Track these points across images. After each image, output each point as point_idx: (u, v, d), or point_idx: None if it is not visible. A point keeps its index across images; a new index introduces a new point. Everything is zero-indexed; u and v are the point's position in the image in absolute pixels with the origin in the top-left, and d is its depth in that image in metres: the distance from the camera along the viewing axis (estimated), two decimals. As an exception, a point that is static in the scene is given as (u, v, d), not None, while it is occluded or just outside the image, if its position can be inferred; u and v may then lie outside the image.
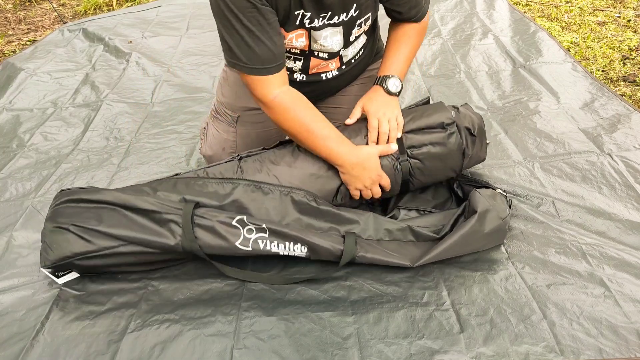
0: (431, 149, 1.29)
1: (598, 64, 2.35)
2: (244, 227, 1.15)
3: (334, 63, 1.38)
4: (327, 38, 1.27)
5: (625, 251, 1.24)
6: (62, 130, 1.92)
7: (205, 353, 1.05)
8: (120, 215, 1.16)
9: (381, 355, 1.02)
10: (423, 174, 1.31)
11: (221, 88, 1.56)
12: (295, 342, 1.06)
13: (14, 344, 1.08)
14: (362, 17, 1.28)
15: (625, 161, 1.56)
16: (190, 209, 1.15)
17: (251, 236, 1.15)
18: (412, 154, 1.29)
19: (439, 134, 1.29)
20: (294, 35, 1.25)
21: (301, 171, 1.26)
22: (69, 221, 1.15)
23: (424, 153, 1.29)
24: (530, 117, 1.84)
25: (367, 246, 1.20)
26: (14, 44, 2.95)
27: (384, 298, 1.15)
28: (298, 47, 1.29)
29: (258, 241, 1.16)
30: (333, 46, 1.30)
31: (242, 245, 1.15)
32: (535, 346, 1.02)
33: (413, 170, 1.30)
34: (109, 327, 1.11)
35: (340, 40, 1.30)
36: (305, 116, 1.23)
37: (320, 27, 1.24)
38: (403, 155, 1.28)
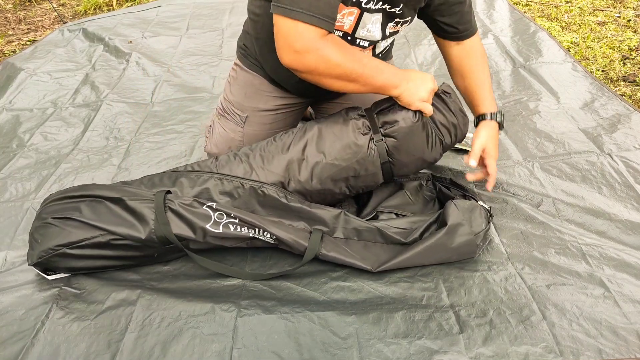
0: (402, 125, 1.25)
1: (598, 64, 2.35)
2: (215, 212, 1.18)
3: (367, 52, 1.37)
4: (374, 24, 1.27)
5: (625, 251, 1.24)
6: (62, 130, 1.92)
7: (204, 353, 1.05)
8: (99, 205, 1.19)
9: (380, 355, 1.02)
10: (400, 152, 1.27)
11: (230, 87, 1.55)
12: (294, 342, 1.06)
13: (14, 343, 1.08)
14: (403, 18, 1.29)
15: (625, 161, 1.56)
16: (162, 196, 1.18)
17: (222, 220, 1.18)
18: (385, 132, 1.26)
19: (409, 110, 1.25)
20: (347, 12, 1.23)
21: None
22: (49, 215, 1.19)
23: (397, 130, 1.25)
24: (530, 117, 1.84)
25: (332, 245, 1.22)
26: (14, 44, 2.95)
27: (384, 299, 1.15)
28: (343, 29, 1.27)
29: (229, 225, 1.19)
30: (375, 34, 1.30)
31: (212, 227, 1.18)
32: (535, 347, 1.02)
33: (390, 150, 1.27)
34: (109, 326, 1.11)
35: (379, 32, 1.30)
36: (349, 50, 1.16)
37: (374, 10, 1.24)
38: (377, 135, 1.26)
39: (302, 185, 1.27)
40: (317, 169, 1.26)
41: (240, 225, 1.19)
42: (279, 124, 1.52)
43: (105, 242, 1.18)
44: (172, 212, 1.18)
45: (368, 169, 1.28)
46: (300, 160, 1.27)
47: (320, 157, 1.26)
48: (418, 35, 2.60)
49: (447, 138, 1.33)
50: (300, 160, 1.27)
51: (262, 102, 1.49)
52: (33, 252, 1.19)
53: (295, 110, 1.54)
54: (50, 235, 1.17)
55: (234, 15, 2.98)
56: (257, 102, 1.48)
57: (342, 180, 1.28)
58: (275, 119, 1.50)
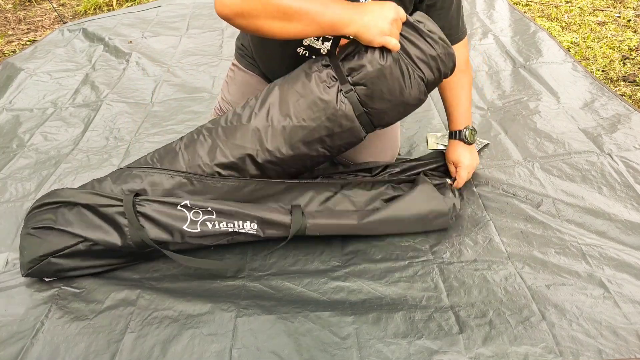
0: (369, 68, 1.11)
1: (598, 64, 2.35)
2: (190, 210, 1.13)
3: None
4: None
5: (625, 252, 1.24)
6: (62, 130, 1.92)
7: (204, 353, 1.05)
8: (72, 211, 1.16)
9: (380, 355, 1.02)
10: (374, 100, 1.15)
11: (227, 86, 1.55)
12: (294, 342, 1.06)
13: (14, 343, 1.08)
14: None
15: (625, 161, 1.56)
16: (131, 199, 1.13)
17: (198, 218, 1.13)
18: (353, 81, 1.13)
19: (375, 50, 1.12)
20: None
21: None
22: (30, 225, 1.17)
23: (365, 75, 1.12)
24: (530, 117, 1.84)
25: (315, 213, 1.21)
26: (14, 44, 2.95)
27: (383, 300, 1.15)
28: None
29: (206, 223, 1.14)
30: None
31: (189, 228, 1.13)
32: (535, 347, 1.02)
33: (362, 99, 1.15)
34: (108, 326, 1.11)
35: None
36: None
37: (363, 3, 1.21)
38: (345, 85, 1.14)
39: (273, 154, 1.17)
40: (285, 134, 1.16)
41: (218, 221, 1.14)
42: None
43: (86, 249, 1.16)
44: (144, 217, 1.13)
45: (342, 124, 1.16)
46: (266, 127, 1.16)
47: (287, 120, 1.15)
48: (418, 35, 2.60)
49: (428, 73, 1.16)
50: (265, 128, 1.16)
51: None
52: (23, 263, 1.18)
53: None
54: (33, 246, 1.16)
55: (234, 15, 2.98)
56: None
57: (317, 141, 1.18)
58: None
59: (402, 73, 1.13)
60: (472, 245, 1.29)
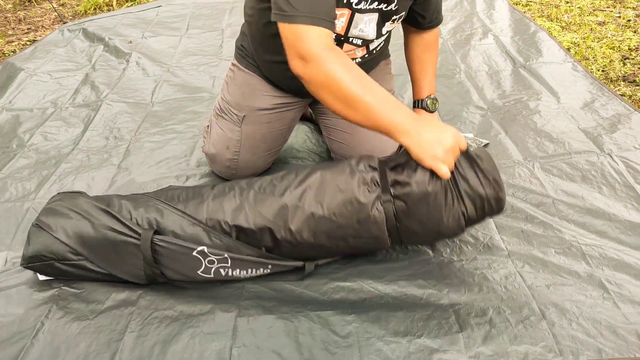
0: (414, 189, 1.07)
1: (598, 64, 2.35)
2: (205, 258, 1.13)
3: (361, 50, 1.37)
4: (368, 24, 1.26)
5: (625, 252, 1.24)
6: (62, 130, 1.92)
7: (204, 352, 1.05)
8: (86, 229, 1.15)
9: (380, 354, 1.02)
10: (410, 219, 1.11)
11: (227, 87, 1.55)
12: (294, 341, 1.06)
13: (14, 343, 1.08)
14: (399, 14, 1.31)
15: (625, 161, 1.56)
16: (150, 237, 1.12)
17: (213, 266, 1.14)
18: (395, 194, 1.09)
19: (426, 173, 1.07)
20: (338, 14, 1.20)
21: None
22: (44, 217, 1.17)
23: (408, 193, 1.08)
24: (530, 117, 1.84)
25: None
26: (14, 44, 2.95)
27: (383, 298, 1.15)
28: (335, 30, 1.24)
29: (220, 270, 1.15)
30: (369, 34, 1.29)
31: (203, 273, 1.15)
32: (535, 346, 1.02)
33: (398, 214, 1.10)
34: (109, 326, 1.11)
35: (374, 31, 1.30)
36: (359, 74, 1.06)
37: (365, 10, 1.22)
38: (385, 194, 1.09)
39: (293, 235, 1.13)
40: (311, 221, 1.11)
41: (232, 268, 1.15)
42: (277, 123, 1.52)
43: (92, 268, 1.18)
44: (159, 255, 1.13)
45: (371, 231, 1.11)
46: (295, 207, 1.12)
47: (318, 208, 1.11)
48: (418, 35, 2.61)
49: (472, 211, 1.10)
50: (294, 208, 1.12)
51: (259, 101, 1.49)
52: (26, 255, 1.17)
53: (293, 109, 1.54)
54: (42, 241, 1.16)
55: (234, 16, 2.99)
56: (255, 101, 1.48)
57: (340, 238, 1.13)
58: (272, 117, 1.50)
59: (445, 203, 1.08)
60: (472, 243, 1.29)
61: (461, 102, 1.97)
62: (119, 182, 1.61)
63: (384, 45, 1.50)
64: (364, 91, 1.03)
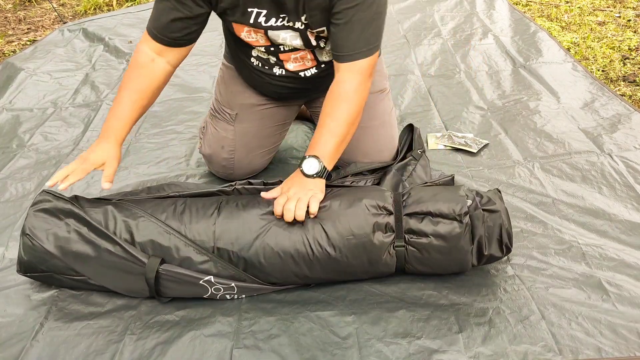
0: (433, 242, 1.11)
1: (598, 64, 2.35)
2: (212, 286, 1.13)
3: (309, 61, 1.35)
4: (287, 38, 1.26)
5: (625, 252, 1.24)
6: (62, 130, 1.92)
7: (204, 353, 1.05)
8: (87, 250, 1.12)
9: (380, 355, 1.02)
10: (420, 263, 1.15)
11: (218, 86, 1.56)
12: (294, 342, 1.06)
13: (14, 345, 1.08)
14: (314, 29, 1.21)
15: (625, 161, 1.56)
16: (155, 267, 1.10)
17: (218, 293, 1.15)
18: (409, 241, 1.13)
19: (446, 226, 1.11)
20: (252, 29, 1.25)
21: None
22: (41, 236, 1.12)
23: (424, 244, 1.12)
24: (530, 117, 1.84)
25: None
26: (14, 44, 2.95)
27: (383, 298, 1.15)
28: (261, 43, 1.29)
29: (226, 295, 1.16)
30: (294, 44, 1.28)
31: (209, 297, 1.16)
32: (534, 346, 1.02)
33: (409, 258, 1.14)
34: (108, 327, 1.11)
35: (300, 42, 1.27)
36: (128, 78, 1.27)
37: (277, 27, 1.22)
38: (399, 240, 1.13)
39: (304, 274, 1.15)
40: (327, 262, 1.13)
41: (238, 293, 1.16)
42: (269, 120, 1.52)
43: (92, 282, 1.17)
44: (165, 280, 1.12)
45: (380, 270, 1.16)
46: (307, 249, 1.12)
47: (332, 250, 1.12)
48: (418, 35, 2.61)
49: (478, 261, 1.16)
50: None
51: (248, 97, 1.50)
52: (21, 264, 1.15)
53: (284, 107, 1.54)
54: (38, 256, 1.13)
55: (234, 16, 2.98)
56: (244, 98, 1.49)
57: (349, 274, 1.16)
58: (264, 114, 1.51)
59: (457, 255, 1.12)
60: (472, 244, 1.29)
61: (461, 102, 1.97)
62: (118, 181, 1.61)
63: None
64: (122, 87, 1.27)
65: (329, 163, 1.19)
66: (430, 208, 1.12)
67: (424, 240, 1.12)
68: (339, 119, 1.20)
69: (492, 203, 1.14)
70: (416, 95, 2.05)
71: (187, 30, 1.24)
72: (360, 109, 1.22)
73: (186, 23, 1.22)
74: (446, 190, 1.17)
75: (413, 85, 2.12)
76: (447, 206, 1.11)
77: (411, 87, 2.11)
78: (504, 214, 1.13)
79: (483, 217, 1.12)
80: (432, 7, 2.95)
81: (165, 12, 1.20)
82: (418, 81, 2.16)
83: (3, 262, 1.31)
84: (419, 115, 1.91)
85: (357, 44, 1.17)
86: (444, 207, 1.11)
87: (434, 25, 2.71)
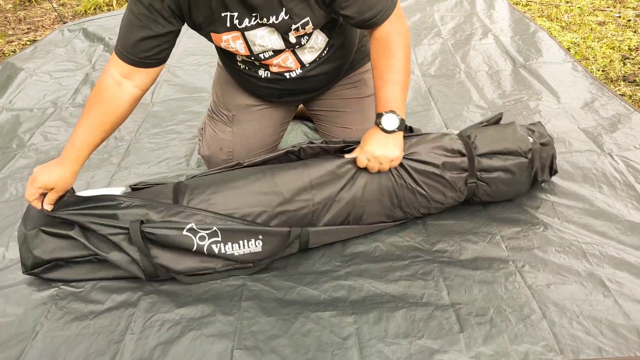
0: (501, 175, 1.30)
1: (598, 64, 2.35)
2: (196, 234, 1.15)
3: (292, 63, 1.34)
4: (264, 38, 1.24)
5: (625, 251, 1.24)
6: (62, 130, 1.92)
7: (205, 354, 1.04)
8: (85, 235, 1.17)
9: (381, 355, 1.02)
10: (487, 194, 1.33)
11: (215, 88, 1.57)
12: (295, 342, 1.06)
13: (14, 345, 1.08)
14: (298, 22, 1.20)
15: (626, 161, 1.56)
16: (137, 227, 1.13)
17: (204, 242, 1.15)
18: (481, 177, 1.29)
19: (513, 161, 1.29)
20: (230, 37, 1.24)
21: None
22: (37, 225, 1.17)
23: (494, 178, 1.30)
24: (530, 116, 1.84)
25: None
26: (14, 44, 2.95)
27: (384, 298, 1.15)
28: (240, 53, 1.29)
29: (212, 246, 1.16)
30: (273, 45, 1.26)
31: (197, 250, 1.16)
32: (535, 345, 1.02)
33: (478, 190, 1.32)
34: (109, 327, 1.11)
35: (279, 40, 1.25)
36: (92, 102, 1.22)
37: (252, 27, 1.22)
38: (472, 178, 1.29)
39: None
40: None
41: (224, 243, 1.16)
42: (267, 120, 1.52)
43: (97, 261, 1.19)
44: (153, 245, 1.15)
45: (451, 204, 1.34)
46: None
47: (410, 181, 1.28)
48: (418, 35, 2.61)
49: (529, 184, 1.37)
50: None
51: (244, 98, 1.50)
52: (26, 262, 1.18)
53: (281, 106, 1.54)
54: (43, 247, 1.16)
55: (234, 16, 2.98)
56: (240, 99, 1.49)
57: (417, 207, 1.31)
58: (261, 114, 1.50)
59: (522, 182, 1.34)
60: (473, 243, 1.29)
61: (461, 102, 1.97)
62: (118, 182, 1.61)
63: (333, 54, 1.38)
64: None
65: (404, 113, 1.26)
66: (500, 147, 1.29)
67: (494, 175, 1.29)
68: (397, 68, 1.25)
69: (544, 136, 1.36)
70: (416, 95, 2.06)
71: (158, 48, 1.21)
72: (409, 49, 1.28)
73: (157, 41, 1.19)
74: (508, 130, 1.33)
75: (413, 85, 2.13)
76: (515, 144, 1.29)
77: (411, 87, 2.11)
78: (553, 144, 1.37)
79: (540, 150, 1.32)
80: (432, 7, 2.95)
81: (134, 30, 1.16)
82: (418, 81, 2.16)
83: (3, 262, 1.31)
84: (419, 114, 1.91)
85: (378, 4, 1.19)
86: (512, 146, 1.29)
87: (434, 25, 2.71)
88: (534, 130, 1.36)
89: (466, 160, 1.28)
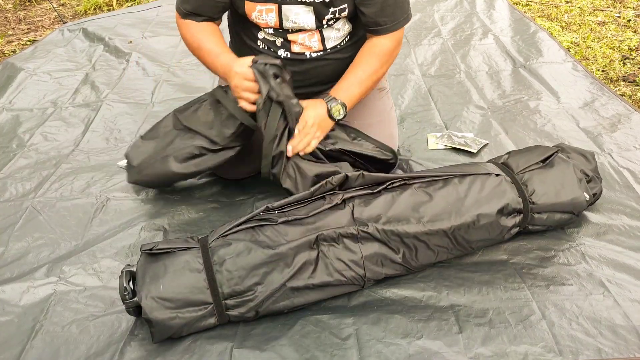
0: (545, 227, 1.29)
1: (598, 64, 2.35)
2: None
3: (316, 42, 1.36)
4: (300, 15, 1.27)
5: (625, 252, 1.24)
6: (62, 130, 1.92)
7: (205, 354, 1.05)
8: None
9: (380, 356, 1.02)
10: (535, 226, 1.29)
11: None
12: (294, 343, 1.06)
13: (14, 346, 1.08)
14: (336, 7, 1.27)
15: (626, 161, 1.56)
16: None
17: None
18: (525, 228, 1.26)
19: (562, 217, 1.27)
20: (264, 9, 1.26)
21: None
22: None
23: (536, 228, 1.28)
24: (530, 116, 1.84)
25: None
26: (14, 43, 2.95)
27: (384, 301, 1.15)
28: (270, 25, 1.30)
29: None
30: (305, 24, 1.30)
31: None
32: (534, 346, 1.02)
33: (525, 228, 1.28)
34: (109, 328, 1.11)
35: (313, 20, 1.29)
36: (203, 36, 1.37)
37: (292, 2, 1.24)
38: (524, 223, 1.25)
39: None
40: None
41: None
42: None
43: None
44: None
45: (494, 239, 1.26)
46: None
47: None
48: (418, 35, 2.61)
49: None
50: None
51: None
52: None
53: None
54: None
55: (234, 15, 2.98)
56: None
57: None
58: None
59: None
60: (472, 245, 1.29)
61: (461, 102, 1.97)
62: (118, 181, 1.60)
63: (353, 43, 1.43)
64: (202, 40, 1.37)
65: (349, 109, 1.34)
66: (557, 207, 1.25)
67: (537, 227, 1.27)
68: (369, 72, 1.34)
69: (595, 183, 1.32)
70: (416, 95, 2.05)
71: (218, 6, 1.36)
72: (386, 72, 1.37)
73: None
74: (567, 181, 1.26)
75: (413, 85, 2.12)
76: (571, 204, 1.26)
77: (411, 86, 2.11)
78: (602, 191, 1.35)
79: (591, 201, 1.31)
80: (432, 7, 2.95)
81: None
82: (418, 81, 2.16)
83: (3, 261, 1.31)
84: (419, 115, 1.91)
85: (395, 14, 1.31)
86: (568, 207, 1.26)
87: (434, 25, 2.71)
88: (589, 176, 1.31)
89: (520, 219, 1.23)
